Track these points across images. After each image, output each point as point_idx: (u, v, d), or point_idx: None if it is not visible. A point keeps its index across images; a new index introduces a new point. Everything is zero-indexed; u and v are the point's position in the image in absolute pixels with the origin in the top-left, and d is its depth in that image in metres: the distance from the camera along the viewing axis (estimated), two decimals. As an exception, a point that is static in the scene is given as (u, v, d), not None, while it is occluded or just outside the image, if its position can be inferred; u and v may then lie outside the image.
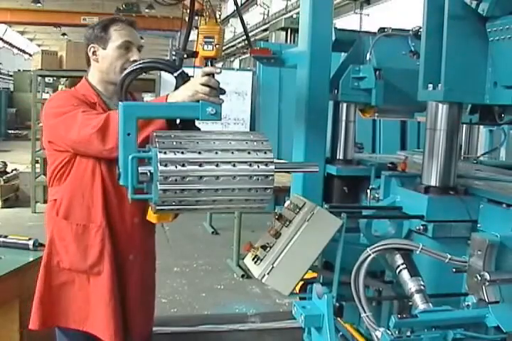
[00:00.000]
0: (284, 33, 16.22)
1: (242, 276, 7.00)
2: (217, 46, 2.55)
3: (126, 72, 2.76)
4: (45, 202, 10.31)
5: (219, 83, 2.57)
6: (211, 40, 2.54)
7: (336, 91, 3.48)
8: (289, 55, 3.64)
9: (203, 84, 2.52)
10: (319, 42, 3.34)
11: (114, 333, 3.02)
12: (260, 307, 6.04)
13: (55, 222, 3.09)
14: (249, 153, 2.30)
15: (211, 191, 2.24)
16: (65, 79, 13.10)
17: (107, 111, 2.93)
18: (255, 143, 2.34)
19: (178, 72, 2.72)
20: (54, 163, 3.06)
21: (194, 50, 2.67)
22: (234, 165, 2.25)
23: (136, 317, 3.22)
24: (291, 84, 3.84)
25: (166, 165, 2.16)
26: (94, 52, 3.10)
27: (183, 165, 2.18)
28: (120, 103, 2.37)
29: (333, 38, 3.49)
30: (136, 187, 2.28)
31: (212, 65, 2.62)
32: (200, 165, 2.21)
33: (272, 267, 2.37)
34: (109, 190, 3.03)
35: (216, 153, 2.26)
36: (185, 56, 2.77)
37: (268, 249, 2.42)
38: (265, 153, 2.32)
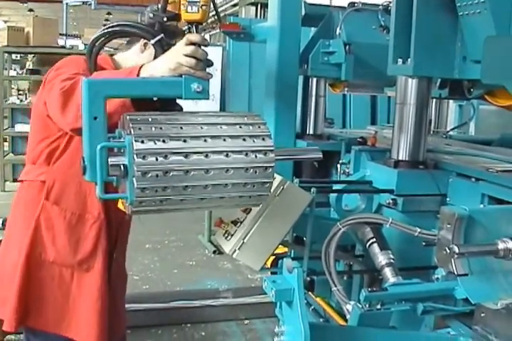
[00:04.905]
0: (253, 7, 16.08)
1: (214, 252, 7.01)
2: (203, 8, 2.06)
3: (93, 37, 2.38)
4: (14, 180, 10.16)
5: (207, 54, 2.09)
6: None
7: (305, 66, 3.48)
8: (259, 29, 3.63)
9: (187, 55, 2.05)
10: (289, 17, 3.33)
11: (97, 339, 2.71)
12: (232, 283, 6.06)
13: (43, 207, 2.68)
14: (244, 139, 1.95)
15: (199, 188, 1.89)
16: (32, 55, 12.87)
17: None
18: (251, 127, 2.00)
19: (157, 39, 2.35)
20: (41, 135, 2.67)
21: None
22: (227, 155, 1.91)
23: (121, 318, 3.03)
24: (261, 60, 3.82)
25: (144, 157, 1.80)
26: (145, 44, 2.66)
27: (166, 157, 1.82)
28: (84, 79, 1.92)
29: (303, 13, 3.49)
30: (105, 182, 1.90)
31: (197, 32, 2.13)
32: (186, 156, 1.85)
33: (243, 242, 2.34)
34: None
35: (205, 140, 1.90)
36: (165, 19, 2.35)
37: (238, 224, 2.37)
38: (263, 139, 1.98)
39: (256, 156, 1.95)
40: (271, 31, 3.40)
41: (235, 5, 15.18)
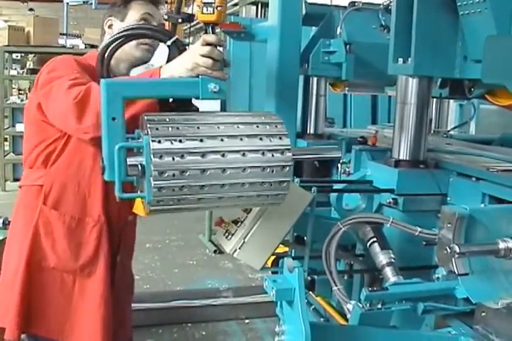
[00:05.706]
0: (254, 7, 16.06)
1: (215, 252, 7.01)
2: (219, 8, 2.09)
3: (106, 40, 2.37)
4: (15, 180, 10.15)
5: (223, 54, 2.11)
6: (211, 0, 2.08)
7: (306, 65, 3.48)
8: (260, 29, 3.63)
9: (204, 56, 2.08)
10: (289, 16, 3.33)
11: None
12: (233, 282, 6.06)
13: (42, 212, 2.63)
14: (261, 139, 1.96)
15: (216, 187, 1.90)
16: (33, 55, 12.87)
17: None
18: (268, 126, 2.00)
19: (172, 40, 2.34)
20: (38, 139, 2.62)
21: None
22: (243, 155, 1.92)
23: (127, 322, 2.98)
24: (261, 59, 3.83)
25: (161, 157, 1.81)
26: (110, 26, 2.71)
27: (182, 157, 1.84)
28: (102, 80, 1.96)
29: (304, 12, 3.49)
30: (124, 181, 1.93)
31: (213, 32, 2.16)
32: (203, 156, 1.86)
33: (244, 242, 2.34)
34: None
35: (222, 140, 1.91)
36: (179, 21, 2.40)
37: (239, 223, 2.37)
38: (280, 138, 1.99)
39: (273, 155, 1.96)
40: (271, 31, 3.40)
41: (235, 4, 15.14)
